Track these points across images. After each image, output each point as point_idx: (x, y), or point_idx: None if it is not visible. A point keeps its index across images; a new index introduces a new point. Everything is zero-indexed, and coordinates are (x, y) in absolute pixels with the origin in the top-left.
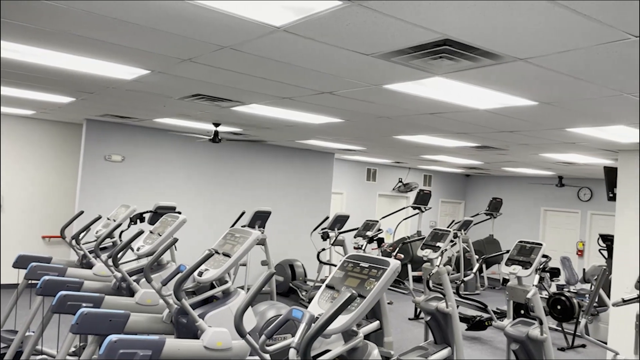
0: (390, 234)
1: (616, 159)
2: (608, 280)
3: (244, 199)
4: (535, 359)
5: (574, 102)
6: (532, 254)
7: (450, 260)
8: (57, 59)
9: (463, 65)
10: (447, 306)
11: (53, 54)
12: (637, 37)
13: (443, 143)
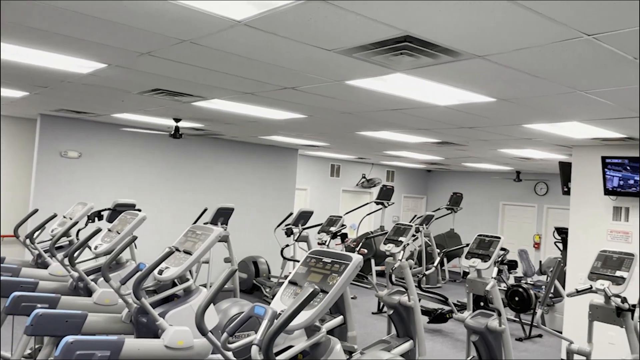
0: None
1: (570, 154)
2: (563, 272)
3: (206, 196)
4: (494, 350)
5: (530, 99)
6: (490, 247)
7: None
8: (9, 52)
9: (423, 61)
10: (409, 300)
11: (4, 46)
12: (589, 36)
13: (405, 139)
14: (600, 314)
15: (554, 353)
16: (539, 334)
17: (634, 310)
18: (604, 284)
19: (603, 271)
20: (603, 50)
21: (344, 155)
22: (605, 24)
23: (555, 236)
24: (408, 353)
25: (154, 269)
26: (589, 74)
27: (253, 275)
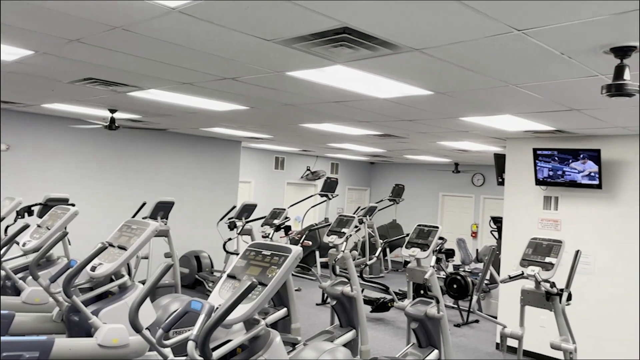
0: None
1: (504, 146)
2: (498, 259)
3: (146, 190)
4: (432, 336)
5: (465, 92)
6: (429, 236)
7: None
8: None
9: (362, 54)
10: (351, 290)
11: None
12: (519, 31)
13: (347, 131)
14: (531, 299)
15: (489, 337)
16: (476, 319)
17: (561, 294)
18: (534, 269)
19: (534, 258)
20: (532, 45)
21: (288, 148)
22: (534, 19)
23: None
24: (351, 342)
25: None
26: (520, 68)
27: (195, 270)
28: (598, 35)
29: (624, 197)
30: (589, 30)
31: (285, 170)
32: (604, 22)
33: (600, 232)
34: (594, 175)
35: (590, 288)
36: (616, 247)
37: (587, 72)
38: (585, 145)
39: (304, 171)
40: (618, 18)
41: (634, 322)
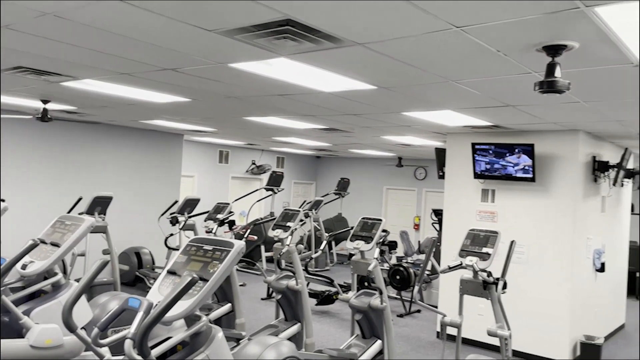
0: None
1: (445, 140)
2: (439, 250)
3: (83, 185)
4: (376, 327)
5: (407, 88)
6: (373, 229)
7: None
8: None
9: (306, 47)
10: (297, 284)
11: None
12: (457, 28)
13: (293, 125)
14: (469, 288)
15: (431, 326)
16: (418, 309)
17: (497, 283)
18: (472, 260)
19: (471, 248)
20: (470, 42)
21: (232, 141)
22: (471, 17)
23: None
24: (296, 336)
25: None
26: (459, 64)
27: (136, 266)
28: (531, 33)
29: (556, 190)
30: (523, 28)
31: (229, 164)
32: (537, 21)
33: (534, 223)
34: (528, 168)
35: (524, 277)
36: (548, 238)
37: (521, 69)
38: (520, 140)
39: (249, 165)
40: (549, 17)
41: (565, 308)
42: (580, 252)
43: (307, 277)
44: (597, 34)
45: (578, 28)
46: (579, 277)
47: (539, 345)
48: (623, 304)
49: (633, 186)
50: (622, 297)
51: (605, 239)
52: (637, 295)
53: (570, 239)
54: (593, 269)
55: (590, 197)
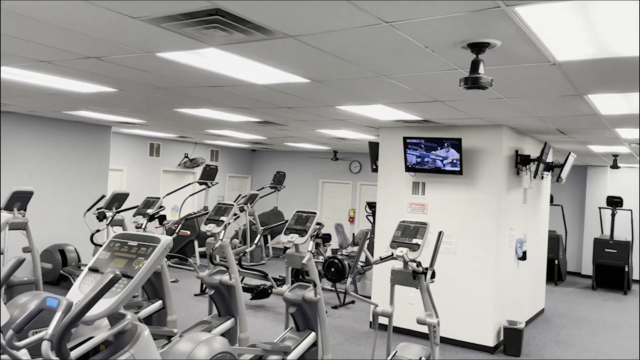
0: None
1: (378, 134)
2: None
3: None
4: (310, 319)
5: (340, 82)
6: (307, 222)
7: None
8: None
9: (236, 37)
10: (230, 278)
11: None
12: (387, 23)
13: (226, 117)
14: (400, 278)
15: (364, 317)
16: (352, 300)
17: (426, 272)
18: (402, 250)
19: (402, 239)
20: (399, 37)
21: (164, 134)
22: (400, 13)
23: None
24: (229, 331)
25: None
26: (389, 59)
27: (60, 264)
28: (457, 31)
29: (481, 182)
30: (449, 25)
31: (161, 158)
32: (462, 18)
33: (461, 214)
34: (455, 162)
35: (452, 266)
36: (475, 228)
37: (448, 65)
38: (449, 134)
39: (181, 158)
40: (473, 15)
41: (489, 296)
42: (504, 242)
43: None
44: (518, 33)
45: (500, 27)
46: (502, 265)
47: (466, 332)
48: (543, 290)
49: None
50: (542, 284)
51: (527, 229)
52: (556, 282)
53: (495, 229)
54: (515, 257)
55: (513, 189)
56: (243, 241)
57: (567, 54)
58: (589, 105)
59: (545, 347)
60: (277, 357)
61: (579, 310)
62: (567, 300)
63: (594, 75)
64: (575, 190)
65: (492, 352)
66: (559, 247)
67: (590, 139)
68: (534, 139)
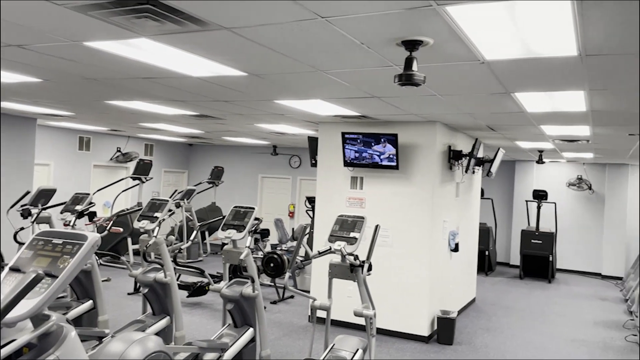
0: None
1: (317, 129)
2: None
3: None
4: (248, 315)
5: (277, 76)
6: (245, 217)
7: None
8: None
9: (169, 28)
10: (165, 276)
11: None
12: (323, 18)
13: (160, 110)
14: (338, 272)
15: (304, 311)
16: (292, 295)
17: (363, 265)
18: (340, 244)
19: (340, 233)
20: (336, 33)
21: (94, 127)
22: (336, 8)
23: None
24: (165, 330)
25: None
26: (326, 55)
27: None
28: (391, 28)
29: (417, 177)
30: (384, 22)
31: (91, 152)
32: (396, 16)
33: (398, 208)
34: (392, 157)
35: (389, 259)
36: (410, 222)
37: (384, 62)
38: (386, 130)
39: (113, 153)
40: (407, 13)
41: (424, 287)
42: (437, 234)
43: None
44: (449, 32)
45: (432, 25)
46: (436, 257)
47: (402, 322)
48: (474, 280)
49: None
50: (473, 274)
51: (459, 222)
52: (486, 272)
53: (429, 222)
54: (448, 249)
55: (446, 183)
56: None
57: (495, 54)
58: (516, 103)
59: (476, 335)
60: (214, 355)
61: (507, 299)
62: (497, 289)
63: (520, 74)
64: (504, 184)
65: (426, 342)
66: (489, 239)
67: (517, 135)
68: (466, 135)
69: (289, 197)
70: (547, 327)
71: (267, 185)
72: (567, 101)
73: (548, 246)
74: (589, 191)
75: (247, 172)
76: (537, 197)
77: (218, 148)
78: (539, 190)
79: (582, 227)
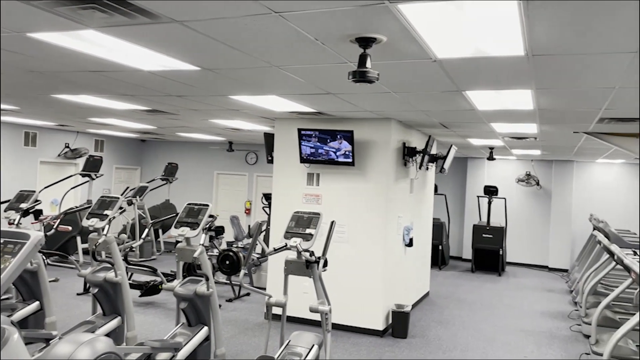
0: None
1: (273, 125)
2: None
3: None
4: (202, 314)
5: (231, 71)
6: (199, 215)
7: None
8: None
9: (118, 20)
10: (116, 275)
11: None
12: (276, 13)
13: (110, 105)
14: (294, 268)
15: (260, 308)
16: (248, 292)
17: (319, 261)
18: (296, 241)
19: (296, 230)
20: (290, 28)
21: (41, 122)
22: (289, 3)
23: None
24: (116, 330)
25: None
26: (281, 50)
27: None
28: (345, 24)
29: (372, 173)
30: (337, 19)
31: (37, 148)
32: (349, 13)
33: (354, 204)
34: (348, 154)
35: (345, 254)
36: (365, 217)
37: (338, 58)
38: (342, 126)
39: (62, 149)
40: (360, 10)
41: (379, 281)
42: (392, 230)
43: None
44: (402, 30)
45: (385, 23)
46: (391, 252)
47: (357, 317)
48: (428, 274)
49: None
50: (427, 268)
51: (413, 217)
52: (440, 266)
53: (384, 217)
54: (403, 244)
55: (401, 179)
56: (132, 236)
57: (447, 52)
58: (467, 101)
59: (429, 328)
60: (167, 354)
61: (459, 292)
62: (450, 283)
63: (471, 73)
64: (457, 180)
65: (381, 336)
66: (442, 234)
67: (469, 133)
68: (420, 132)
69: (245, 194)
70: (497, 318)
71: (223, 182)
72: (516, 99)
73: (498, 240)
74: (537, 187)
75: (202, 168)
76: (488, 192)
77: (172, 144)
78: (489, 186)
79: (531, 221)
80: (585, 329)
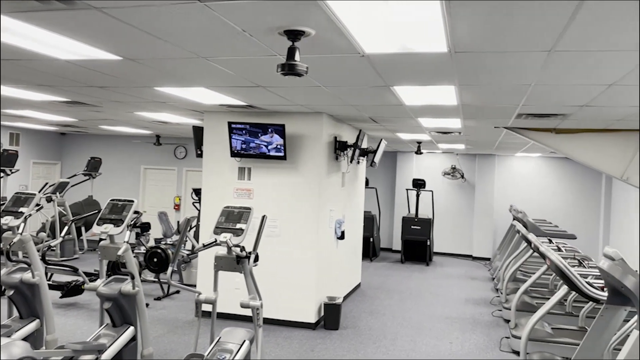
0: None
1: (202, 119)
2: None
3: None
4: (128, 313)
5: (156, 61)
6: (124, 211)
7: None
8: None
9: (30, 5)
10: (33, 276)
11: None
12: (201, 3)
13: (25, 96)
14: (224, 264)
15: (190, 306)
16: (177, 290)
17: (249, 256)
18: (226, 236)
19: (226, 225)
20: (216, 19)
21: None
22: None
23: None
24: (34, 334)
25: None
26: (207, 41)
27: None
28: (272, 16)
29: (304, 167)
30: (264, 10)
31: None
32: (277, 4)
33: (286, 198)
34: (280, 147)
35: (277, 249)
36: (298, 211)
37: (267, 51)
38: (273, 120)
39: None
40: (288, 3)
41: (311, 275)
42: (324, 223)
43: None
44: (329, 24)
45: (313, 16)
46: (323, 245)
47: (290, 311)
48: (359, 266)
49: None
50: (359, 260)
51: (345, 210)
52: (371, 258)
53: (316, 211)
54: (335, 237)
55: (333, 173)
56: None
57: (374, 47)
58: (395, 96)
59: (360, 318)
60: (91, 357)
61: (389, 282)
62: (380, 274)
63: (397, 68)
64: (387, 174)
65: (313, 328)
66: (373, 226)
67: (398, 127)
68: (351, 126)
69: (174, 189)
70: (424, 306)
71: (150, 177)
72: (440, 95)
73: (426, 231)
74: (462, 180)
75: (128, 163)
76: (416, 185)
77: (95, 137)
78: (418, 179)
79: (456, 213)
80: (506, 314)
